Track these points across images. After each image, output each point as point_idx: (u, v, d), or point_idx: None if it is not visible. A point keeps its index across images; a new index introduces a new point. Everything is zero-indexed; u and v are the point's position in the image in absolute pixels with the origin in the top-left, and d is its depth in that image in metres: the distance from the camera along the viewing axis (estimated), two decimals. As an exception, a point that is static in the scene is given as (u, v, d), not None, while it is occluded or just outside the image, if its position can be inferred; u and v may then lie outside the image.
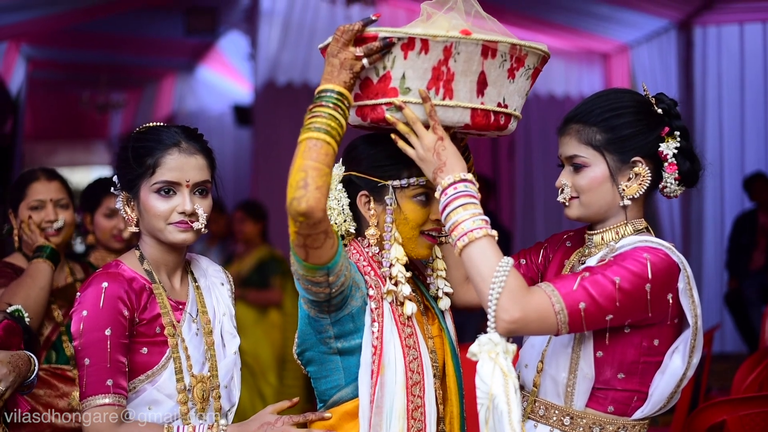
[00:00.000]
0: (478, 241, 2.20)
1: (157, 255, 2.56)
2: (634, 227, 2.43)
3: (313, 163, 2.21)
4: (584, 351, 2.36)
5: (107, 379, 2.37)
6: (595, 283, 2.23)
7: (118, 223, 3.93)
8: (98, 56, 11.99)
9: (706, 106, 8.91)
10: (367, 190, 2.49)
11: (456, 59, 2.29)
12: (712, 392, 6.01)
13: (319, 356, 2.45)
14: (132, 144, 2.53)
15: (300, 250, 2.27)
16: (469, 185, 2.27)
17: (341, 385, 2.44)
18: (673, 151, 2.41)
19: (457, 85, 2.31)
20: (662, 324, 2.33)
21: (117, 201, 2.59)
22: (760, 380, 4.23)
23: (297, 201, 2.18)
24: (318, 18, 9.76)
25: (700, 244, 8.95)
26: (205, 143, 2.59)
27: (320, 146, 2.23)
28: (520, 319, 2.17)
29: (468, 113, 2.35)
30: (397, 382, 2.39)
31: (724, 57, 8.94)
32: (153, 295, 2.50)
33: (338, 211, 2.52)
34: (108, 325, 2.38)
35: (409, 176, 2.46)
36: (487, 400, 2.14)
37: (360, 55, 2.28)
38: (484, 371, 2.15)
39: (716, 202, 9.03)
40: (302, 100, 9.96)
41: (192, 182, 2.50)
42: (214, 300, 2.65)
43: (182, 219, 2.49)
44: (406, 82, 2.28)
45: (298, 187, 2.19)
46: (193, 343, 2.54)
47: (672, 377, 2.35)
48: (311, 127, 2.26)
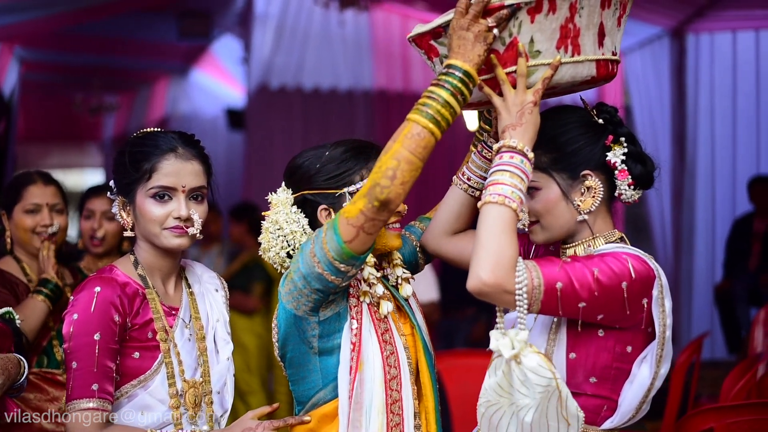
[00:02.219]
0: (505, 207, 2.21)
1: (152, 260, 2.57)
2: (606, 239, 2.44)
3: (408, 155, 2.21)
4: (557, 352, 2.37)
5: (93, 383, 2.38)
6: (575, 269, 2.25)
7: (93, 224, 3.93)
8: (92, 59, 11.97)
9: (698, 114, 8.93)
10: (326, 203, 2.52)
11: (581, 14, 2.29)
12: (702, 399, 6.04)
13: (299, 357, 2.47)
14: (129, 149, 2.55)
15: (351, 230, 2.27)
16: (527, 163, 2.27)
17: (319, 386, 2.47)
18: (621, 157, 2.41)
19: (582, 40, 2.31)
20: (636, 330, 2.34)
21: (113, 205, 2.60)
22: (749, 388, 4.25)
23: (380, 189, 2.22)
24: (311, 22, 9.79)
25: (691, 250, 8.98)
26: (202, 149, 2.60)
27: (423, 137, 2.22)
28: (496, 284, 2.18)
29: (594, 65, 2.35)
30: (375, 378, 2.42)
31: (717, 64, 8.97)
32: (146, 300, 2.51)
33: (300, 233, 2.53)
34: (98, 330, 2.40)
35: (361, 179, 2.50)
36: (552, 387, 2.19)
37: (493, 25, 2.24)
38: (532, 365, 2.19)
39: (707, 209, 9.05)
40: (295, 104, 9.99)
41: (188, 188, 2.52)
42: (207, 306, 2.67)
43: (177, 224, 2.50)
44: (535, 45, 2.27)
45: (385, 175, 2.21)
46: (185, 349, 2.55)
47: (640, 387, 2.35)
48: (423, 110, 2.24)
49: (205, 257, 7.59)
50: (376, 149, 2.54)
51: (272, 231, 2.56)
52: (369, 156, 2.54)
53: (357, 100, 10.16)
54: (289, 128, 9.88)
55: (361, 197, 2.26)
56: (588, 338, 2.35)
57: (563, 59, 2.29)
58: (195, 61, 12.29)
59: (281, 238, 2.54)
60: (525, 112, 2.28)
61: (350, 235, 2.28)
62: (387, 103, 10.22)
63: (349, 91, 10.17)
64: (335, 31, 9.72)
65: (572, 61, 2.31)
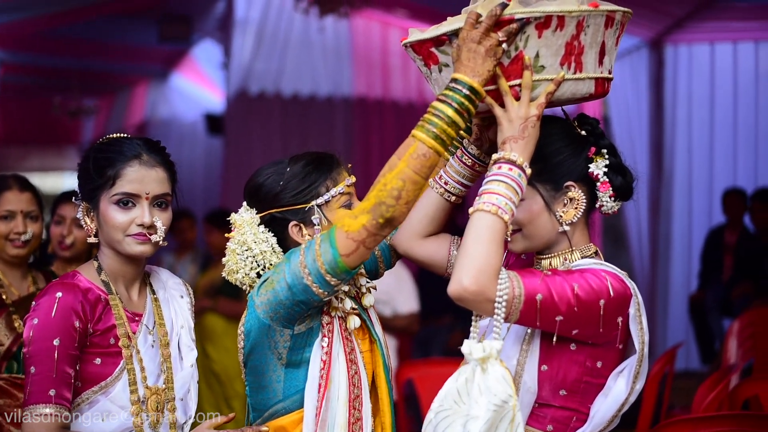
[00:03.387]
0: (497, 218, 2.21)
1: (115, 266, 2.55)
2: (582, 253, 2.44)
3: (413, 176, 2.23)
4: (529, 364, 2.37)
5: (51, 388, 2.37)
6: (555, 282, 2.25)
7: (63, 230, 3.90)
8: (71, 62, 11.92)
9: (676, 124, 8.98)
10: (296, 219, 2.51)
11: (586, 32, 2.30)
12: (675, 410, 6.05)
13: (263, 366, 2.46)
14: (93, 154, 2.54)
15: (351, 244, 2.27)
16: (523, 178, 2.27)
17: (279, 397, 2.45)
18: (604, 169, 2.42)
19: (585, 57, 2.32)
20: (608, 346, 2.35)
21: (77, 211, 2.59)
22: (721, 399, 4.26)
23: (386, 207, 2.23)
24: (291, 28, 9.78)
25: (667, 261, 9.01)
26: (167, 156, 2.59)
27: (428, 157, 2.23)
28: (478, 292, 2.18)
29: (593, 83, 2.36)
30: (340, 397, 2.42)
31: (695, 76, 9.02)
32: (109, 306, 2.50)
33: (270, 252, 2.52)
34: (57, 336, 2.39)
35: (327, 189, 2.49)
36: (507, 406, 2.17)
37: (503, 39, 2.23)
38: (496, 376, 2.17)
39: (684, 219, 9.10)
40: (274, 109, 9.97)
41: (152, 195, 2.50)
42: (172, 312, 2.66)
43: (140, 231, 2.49)
44: (540, 60, 2.27)
45: (391, 195, 2.22)
46: (148, 355, 2.54)
47: (615, 401, 2.36)
48: (428, 129, 2.23)
49: (180, 264, 7.55)
50: (336, 159, 2.56)
51: (240, 252, 2.54)
52: (331, 166, 2.54)
53: (336, 107, 10.16)
54: (268, 134, 9.86)
55: (364, 213, 2.26)
56: (560, 351, 2.35)
57: (567, 75, 2.30)
58: (174, 66, 12.26)
59: (250, 259, 2.53)
60: (528, 126, 2.28)
61: (349, 249, 2.28)
62: (366, 110, 10.22)
63: (329, 97, 10.16)
64: (315, 37, 9.71)
65: (574, 78, 2.32)
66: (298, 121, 9.99)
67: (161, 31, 9.86)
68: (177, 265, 7.56)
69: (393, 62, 10.23)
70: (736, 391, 4.40)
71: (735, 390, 4.41)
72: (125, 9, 9.55)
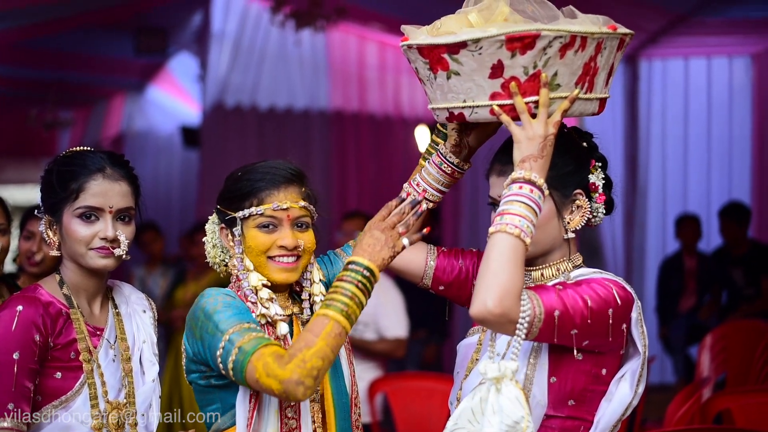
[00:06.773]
0: (519, 240, 2.23)
1: (78, 280, 2.54)
2: (573, 263, 2.47)
3: (331, 354, 2.25)
4: (538, 377, 2.38)
5: (9, 402, 2.36)
6: (568, 296, 2.27)
7: (32, 246, 3.87)
8: (46, 73, 11.85)
9: (651, 139, 9.04)
10: (224, 223, 2.52)
11: (602, 54, 2.33)
12: (648, 423, 6.06)
13: (198, 387, 2.46)
14: (56, 168, 2.53)
15: (264, 382, 2.24)
16: (542, 199, 2.28)
17: (219, 413, 2.45)
18: (602, 181, 2.47)
19: (597, 78, 2.36)
20: (612, 353, 2.37)
21: (40, 224, 2.58)
22: (693, 412, 4.29)
23: (302, 388, 2.21)
24: (268, 41, 9.79)
25: (641, 276, 9.05)
26: (131, 170, 2.58)
27: (342, 335, 2.28)
28: (502, 314, 2.19)
29: (597, 104, 2.41)
30: (271, 407, 2.41)
31: (669, 90, 9.09)
32: (70, 320, 2.49)
33: (212, 245, 2.58)
34: (17, 349, 2.38)
35: (249, 206, 2.47)
36: (520, 427, 2.19)
37: (403, 231, 2.37)
38: (510, 396, 2.21)
39: (658, 234, 9.15)
40: (251, 122, 9.97)
41: (115, 208, 2.50)
42: (134, 327, 2.64)
43: (104, 245, 2.48)
44: (557, 79, 2.28)
45: (310, 374, 2.21)
46: (109, 370, 2.53)
47: (619, 405, 2.37)
48: (341, 309, 2.28)
49: (151, 278, 7.51)
50: (288, 179, 2.51)
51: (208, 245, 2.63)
52: (271, 184, 2.49)
53: (313, 120, 10.16)
54: (244, 147, 9.85)
55: (278, 379, 2.21)
56: (567, 362, 2.36)
57: (580, 95, 2.32)
58: (151, 78, 12.22)
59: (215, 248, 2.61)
60: (547, 145, 2.30)
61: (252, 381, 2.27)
62: (343, 123, 10.23)
63: (305, 110, 10.16)
64: (291, 50, 9.72)
65: (585, 98, 2.35)
66: (274, 134, 10.00)
67: (138, 43, 9.83)
68: (148, 279, 7.51)
69: (369, 75, 10.25)
70: (709, 404, 4.43)
71: (707, 403, 4.44)
72: (102, 21, 9.52)
